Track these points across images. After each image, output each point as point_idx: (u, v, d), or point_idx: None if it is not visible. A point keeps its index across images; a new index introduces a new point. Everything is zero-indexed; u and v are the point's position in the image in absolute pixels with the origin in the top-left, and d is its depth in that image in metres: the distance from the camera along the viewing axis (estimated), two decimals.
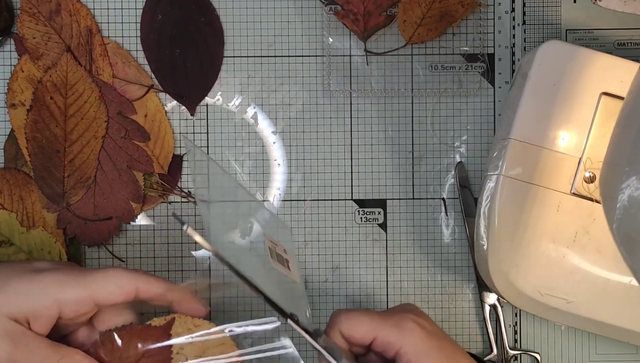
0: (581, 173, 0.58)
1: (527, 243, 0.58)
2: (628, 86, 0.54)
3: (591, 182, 0.58)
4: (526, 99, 0.58)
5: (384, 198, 0.66)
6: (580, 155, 0.58)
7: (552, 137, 0.58)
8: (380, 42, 0.66)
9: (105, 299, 0.51)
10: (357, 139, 0.66)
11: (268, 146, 0.66)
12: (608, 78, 0.58)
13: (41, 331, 0.51)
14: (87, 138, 0.64)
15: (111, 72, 0.65)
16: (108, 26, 0.66)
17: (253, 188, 0.66)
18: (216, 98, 0.66)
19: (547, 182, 0.58)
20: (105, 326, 0.53)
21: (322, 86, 0.66)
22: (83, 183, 0.64)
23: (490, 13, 0.66)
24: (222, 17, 0.66)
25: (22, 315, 0.50)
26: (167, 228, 0.66)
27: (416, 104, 0.66)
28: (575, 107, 0.58)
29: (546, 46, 0.58)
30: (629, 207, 0.48)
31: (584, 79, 0.58)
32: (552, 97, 0.58)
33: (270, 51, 0.66)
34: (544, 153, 0.58)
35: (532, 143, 0.58)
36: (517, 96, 0.59)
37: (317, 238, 0.66)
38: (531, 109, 0.58)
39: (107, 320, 0.53)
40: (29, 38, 0.64)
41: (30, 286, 0.50)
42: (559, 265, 0.58)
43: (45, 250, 0.64)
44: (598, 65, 0.58)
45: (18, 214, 0.64)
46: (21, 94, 0.64)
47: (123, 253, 0.66)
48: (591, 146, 0.58)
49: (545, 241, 0.58)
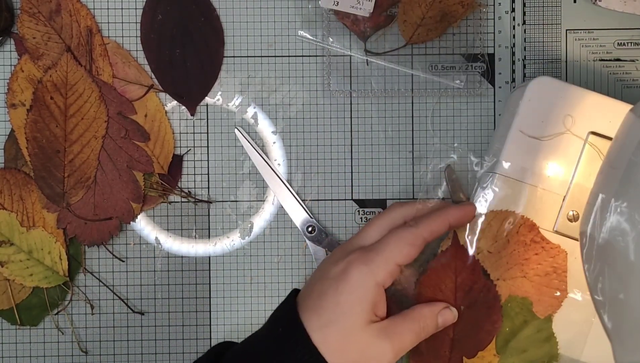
0: (565, 212, 0.57)
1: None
2: (617, 127, 0.54)
3: (575, 221, 0.57)
4: (514, 134, 0.57)
5: (384, 198, 0.66)
6: (564, 193, 0.57)
7: (538, 174, 0.57)
8: (380, 42, 0.66)
9: (404, 262, 0.54)
10: (357, 139, 0.66)
11: (268, 146, 0.66)
12: (597, 117, 0.57)
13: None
14: (87, 138, 0.64)
15: (111, 72, 0.65)
16: (108, 26, 0.66)
17: (253, 188, 0.66)
18: (216, 98, 0.66)
19: (530, 218, 0.57)
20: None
21: (322, 86, 0.66)
22: (83, 183, 0.64)
23: (490, 13, 0.66)
24: (222, 17, 0.66)
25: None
26: (167, 228, 0.66)
27: (416, 104, 0.66)
28: (562, 145, 0.57)
29: (536, 81, 0.58)
30: (603, 246, 0.48)
31: (573, 117, 0.57)
32: (539, 134, 0.57)
33: (270, 51, 0.66)
34: (529, 190, 0.57)
35: (517, 178, 0.57)
36: (505, 130, 0.58)
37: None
38: (518, 145, 0.57)
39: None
40: (29, 38, 0.64)
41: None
42: None
43: (45, 250, 0.64)
44: (587, 103, 0.57)
45: (18, 214, 0.64)
46: (21, 94, 0.64)
47: (123, 253, 0.66)
48: (576, 185, 0.57)
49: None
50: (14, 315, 0.65)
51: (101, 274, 0.66)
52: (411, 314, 0.55)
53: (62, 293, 0.66)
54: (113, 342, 0.66)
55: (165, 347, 0.66)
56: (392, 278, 0.54)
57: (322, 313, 0.52)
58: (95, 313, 0.66)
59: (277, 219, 0.66)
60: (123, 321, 0.66)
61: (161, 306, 0.66)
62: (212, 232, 0.66)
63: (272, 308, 0.61)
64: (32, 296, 0.65)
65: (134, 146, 0.65)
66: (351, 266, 0.53)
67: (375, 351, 0.52)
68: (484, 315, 0.55)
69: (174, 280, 0.66)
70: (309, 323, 0.52)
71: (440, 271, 0.56)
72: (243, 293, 0.66)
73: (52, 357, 0.66)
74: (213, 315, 0.66)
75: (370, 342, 0.52)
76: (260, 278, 0.66)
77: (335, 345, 0.52)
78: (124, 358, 0.66)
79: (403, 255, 0.53)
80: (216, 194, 0.66)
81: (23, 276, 0.64)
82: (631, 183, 0.49)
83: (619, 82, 0.66)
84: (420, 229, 0.54)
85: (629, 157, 0.50)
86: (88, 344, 0.66)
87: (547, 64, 0.66)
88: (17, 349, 0.66)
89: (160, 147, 0.65)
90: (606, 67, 0.66)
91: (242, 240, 0.66)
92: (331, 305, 0.52)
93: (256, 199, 0.66)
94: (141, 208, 0.65)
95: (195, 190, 0.66)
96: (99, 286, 0.66)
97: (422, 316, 0.54)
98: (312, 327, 0.52)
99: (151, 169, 0.65)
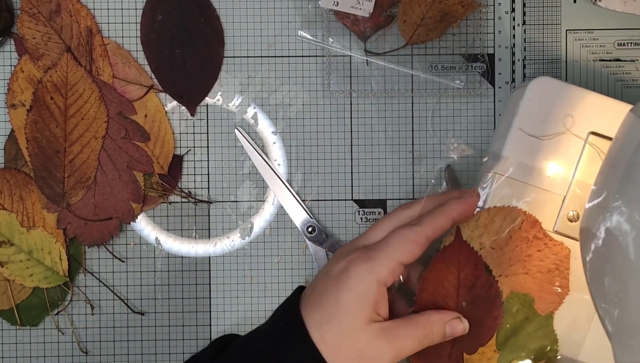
0: (565, 212, 0.57)
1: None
2: (617, 127, 0.53)
3: (575, 221, 0.56)
4: (514, 134, 0.57)
5: (384, 198, 0.66)
6: (564, 193, 0.57)
7: (538, 174, 0.57)
8: (380, 42, 0.66)
9: (406, 260, 0.54)
10: (357, 139, 0.66)
11: (268, 146, 0.66)
12: (597, 118, 0.57)
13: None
14: (87, 138, 0.64)
15: (111, 73, 0.65)
16: (108, 26, 0.66)
17: (253, 188, 0.66)
18: (216, 98, 0.66)
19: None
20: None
21: (322, 86, 0.66)
22: (83, 183, 0.64)
23: (490, 13, 0.66)
24: (222, 17, 0.66)
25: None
26: (167, 228, 0.66)
27: (416, 104, 0.66)
28: (562, 145, 0.57)
29: (536, 81, 0.57)
30: (603, 246, 0.48)
31: (573, 117, 0.57)
32: (539, 134, 0.57)
33: (270, 51, 0.66)
34: (529, 189, 0.57)
35: (516, 178, 0.57)
36: (505, 131, 0.58)
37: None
38: (518, 145, 0.57)
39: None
40: (29, 38, 0.64)
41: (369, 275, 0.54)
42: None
43: (45, 250, 0.64)
44: (588, 104, 0.57)
45: (18, 215, 0.64)
46: (21, 95, 0.64)
47: (123, 253, 0.66)
48: (576, 185, 0.57)
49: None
50: (14, 315, 0.65)
51: (101, 274, 0.66)
52: (417, 319, 0.54)
53: (62, 293, 0.66)
54: (113, 342, 0.66)
55: (165, 347, 0.66)
56: (394, 277, 0.53)
57: (322, 310, 0.52)
58: (95, 314, 0.66)
59: (277, 220, 0.66)
60: (123, 321, 0.66)
61: (161, 306, 0.66)
62: (212, 232, 0.66)
63: (272, 308, 0.61)
64: (32, 296, 0.65)
65: (134, 146, 0.65)
66: (352, 264, 0.53)
67: (373, 351, 0.52)
68: (485, 311, 0.55)
69: (174, 280, 0.66)
70: (309, 320, 0.52)
71: (443, 267, 0.55)
72: (243, 293, 0.66)
73: (52, 357, 0.66)
74: (213, 315, 0.66)
75: (368, 342, 0.52)
76: (260, 278, 0.66)
77: (333, 343, 0.52)
78: (124, 358, 0.66)
79: (405, 252, 0.53)
80: (216, 195, 0.66)
81: (23, 276, 0.64)
82: (631, 182, 0.49)
83: (619, 82, 0.66)
84: (423, 226, 0.54)
85: (629, 157, 0.50)
86: (88, 344, 0.66)
87: (547, 64, 0.66)
88: (17, 349, 0.66)
89: (160, 147, 0.65)
90: (606, 67, 0.66)
91: (242, 240, 0.66)
92: (331, 303, 0.52)
93: (256, 199, 0.66)
94: (141, 208, 0.65)
95: (195, 190, 0.66)
96: (99, 287, 0.66)
97: (429, 323, 0.53)
98: (311, 324, 0.52)
99: (151, 170, 0.65)
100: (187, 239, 0.66)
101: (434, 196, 0.57)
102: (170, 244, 0.66)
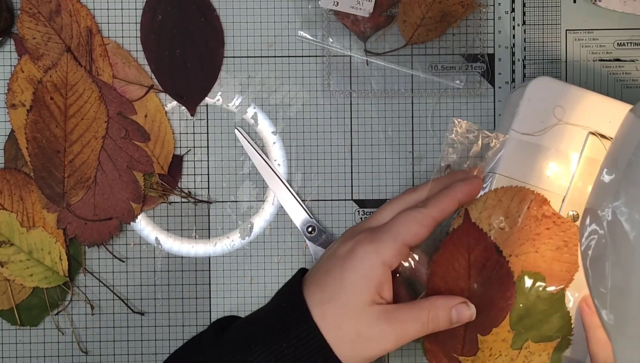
0: (565, 212, 0.57)
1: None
2: (617, 127, 0.53)
3: (575, 221, 0.57)
4: (513, 134, 0.58)
5: (384, 198, 0.66)
6: (564, 193, 0.57)
7: (537, 174, 0.57)
8: (380, 42, 0.66)
9: (412, 241, 0.54)
10: (357, 139, 0.66)
11: (268, 146, 0.66)
12: (597, 118, 0.57)
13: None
14: (87, 138, 0.64)
15: (111, 73, 0.65)
16: (108, 26, 0.66)
17: (253, 188, 0.66)
18: (216, 98, 0.66)
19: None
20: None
21: (322, 86, 0.66)
22: (83, 183, 0.64)
23: (490, 13, 0.66)
24: (222, 17, 0.66)
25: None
26: (167, 228, 0.66)
27: (416, 104, 0.66)
28: (562, 146, 0.57)
29: (536, 81, 0.58)
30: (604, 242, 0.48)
31: (573, 117, 0.57)
32: (539, 134, 0.58)
33: (270, 51, 0.66)
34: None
35: (516, 178, 0.57)
36: (505, 130, 0.58)
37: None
38: (518, 144, 0.57)
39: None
40: (29, 38, 0.64)
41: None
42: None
43: (45, 250, 0.64)
44: (587, 104, 0.57)
45: (18, 215, 0.64)
46: (21, 95, 0.64)
47: (123, 253, 0.66)
48: (576, 185, 0.57)
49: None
50: (14, 315, 0.65)
51: (101, 274, 0.66)
52: (422, 303, 0.53)
53: (62, 293, 0.66)
54: (113, 342, 0.66)
55: (165, 347, 0.66)
56: (399, 259, 0.53)
57: (325, 289, 0.52)
58: (95, 314, 0.66)
59: (277, 220, 0.66)
60: (123, 321, 0.66)
61: (161, 306, 0.66)
62: (212, 232, 0.66)
63: None
64: (32, 296, 0.65)
65: (134, 146, 0.65)
66: (358, 244, 0.53)
67: (373, 332, 0.52)
68: (497, 291, 0.55)
69: (174, 281, 0.66)
70: (311, 299, 0.52)
71: (453, 249, 0.55)
72: (243, 293, 0.66)
73: (52, 357, 0.66)
74: (213, 315, 0.66)
75: (369, 323, 0.52)
76: (260, 278, 0.66)
77: (334, 322, 0.51)
78: (124, 358, 0.66)
79: (411, 234, 0.53)
80: (216, 195, 0.66)
81: (23, 276, 0.64)
82: (631, 182, 0.49)
83: (618, 82, 0.66)
84: (429, 208, 0.54)
85: (629, 157, 0.50)
86: (88, 344, 0.66)
87: (547, 64, 0.66)
88: (17, 349, 0.66)
89: (160, 147, 0.65)
90: (606, 67, 0.66)
91: (242, 240, 0.66)
92: (335, 282, 0.52)
93: (256, 199, 0.66)
94: (141, 208, 0.65)
95: (195, 190, 0.66)
96: (99, 287, 0.66)
97: (434, 307, 0.53)
98: (313, 303, 0.52)
99: (151, 170, 0.65)
100: (187, 239, 0.66)
101: (440, 179, 0.57)
102: (170, 244, 0.66)
